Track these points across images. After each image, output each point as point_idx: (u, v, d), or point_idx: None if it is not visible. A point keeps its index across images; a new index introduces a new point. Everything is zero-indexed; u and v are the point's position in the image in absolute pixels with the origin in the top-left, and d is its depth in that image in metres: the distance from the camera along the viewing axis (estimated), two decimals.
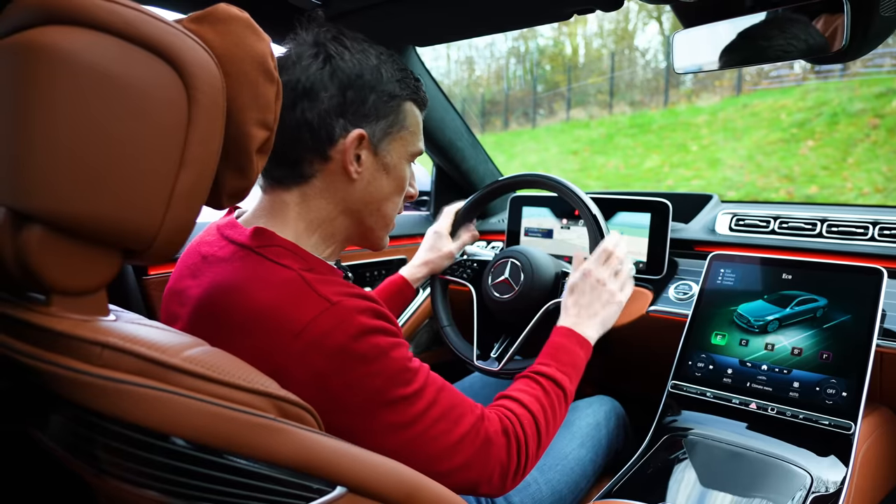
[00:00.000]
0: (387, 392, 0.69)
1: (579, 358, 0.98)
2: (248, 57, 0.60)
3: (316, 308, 0.67)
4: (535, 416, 0.85)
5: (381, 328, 0.70)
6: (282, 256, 0.72)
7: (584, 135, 11.71)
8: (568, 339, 0.99)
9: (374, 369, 0.68)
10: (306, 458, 0.54)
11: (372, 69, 0.78)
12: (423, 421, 0.72)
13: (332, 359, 0.66)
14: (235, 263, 0.73)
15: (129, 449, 0.50)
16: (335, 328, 0.67)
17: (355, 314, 0.68)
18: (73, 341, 0.49)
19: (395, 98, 0.80)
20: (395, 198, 0.86)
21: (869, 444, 1.00)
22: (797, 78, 9.15)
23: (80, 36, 0.49)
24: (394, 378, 0.70)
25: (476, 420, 0.77)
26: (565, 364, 0.95)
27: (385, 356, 0.69)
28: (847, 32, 0.78)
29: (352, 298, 0.70)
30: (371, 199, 0.82)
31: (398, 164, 0.83)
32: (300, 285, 0.69)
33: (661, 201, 1.40)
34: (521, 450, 0.81)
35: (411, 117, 0.84)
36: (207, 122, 0.55)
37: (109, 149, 0.49)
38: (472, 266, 1.34)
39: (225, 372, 0.52)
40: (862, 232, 1.22)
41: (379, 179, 0.82)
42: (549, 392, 0.90)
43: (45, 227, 0.49)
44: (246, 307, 0.68)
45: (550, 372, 0.92)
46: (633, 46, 15.53)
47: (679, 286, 1.34)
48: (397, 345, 0.72)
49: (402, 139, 0.83)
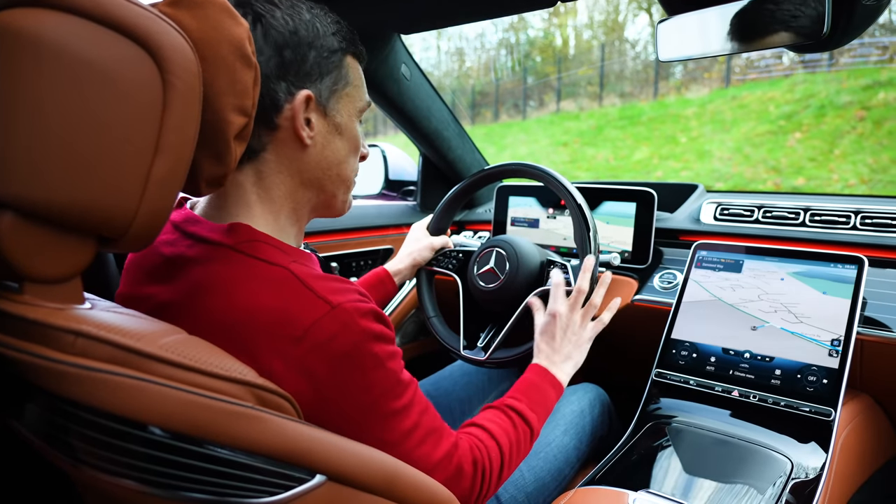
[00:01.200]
0: (380, 405, 0.67)
1: (550, 399, 0.98)
2: (226, 41, 0.59)
3: (317, 310, 0.63)
4: (503, 449, 0.85)
5: (381, 335, 0.67)
6: (266, 252, 0.68)
7: (574, 126, 11.72)
8: (541, 378, 0.99)
9: (371, 380, 0.66)
10: (285, 446, 0.53)
11: (306, 24, 0.72)
12: (408, 441, 0.70)
13: (332, 364, 0.63)
14: (216, 265, 0.67)
15: (105, 438, 0.49)
16: (338, 333, 0.63)
17: (358, 318, 0.65)
18: (47, 330, 0.48)
19: (335, 53, 0.74)
20: (351, 159, 0.81)
21: (849, 431, 1.01)
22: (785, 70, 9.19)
23: (51, 18, 0.48)
24: (388, 391, 0.68)
25: (451, 447, 0.76)
26: (536, 403, 0.95)
27: (383, 367, 0.67)
28: (828, 20, 0.78)
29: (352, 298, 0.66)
30: (328, 164, 0.78)
31: (349, 123, 0.79)
32: (295, 284, 0.65)
33: (647, 191, 1.40)
34: (485, 481, 0.81)
35: (353, 71, 0.79)
36: (183, 108, 0.54)
37: (81, 134, 0.48)
38: (457, 256, 1.34)
39: (201, 360, 0.52)
40: (844, 221, 1.23)
41: (333, 142, 0.77)
42: (517, 427, 0.90)
43: (16, 213, 0.48)
44: (234, 308, 0.64)
45: (521, 408, 0.92)
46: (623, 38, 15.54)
47: (664, 275, 1.34)
48: (393, 355, 0.69)
49: (349, 95, 0.78)
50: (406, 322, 1.77)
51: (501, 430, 0.87)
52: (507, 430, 0.88)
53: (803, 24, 0.83)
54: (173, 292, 0.68)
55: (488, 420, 0.88)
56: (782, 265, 1.14)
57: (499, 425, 0.88)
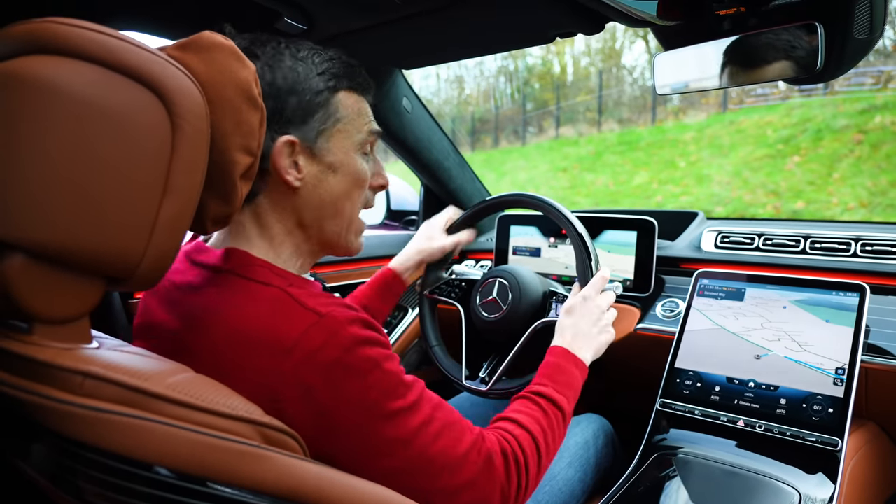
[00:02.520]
0: (383, 405, 0.67)
1: (576, 379, 0.96)
2: (232, 84, 0.61)
3: (305, 321, 0.65)
4: (535, 437, 0.83)
5: (372, 339, 0.68)
6: (262, 275, 0.71)
7: (573, 152, 11.79)
8: (564, 359, 0.97)
9: (369, 382, 0.66)
10: (291, 485, 0.53)
11: (286, 72, 0.73)
12: (423, 435, 0.70)
13: (326, 373, 0.64)
14: (214, 288, 0.71)
15: (111, 479, 0.49)
16: (326, 342, 0.65)
17: (346, 325, 0.66)
18: (55, 370, 0.48)
19: (320, 93, 0.75)
20: (353, 194, 0.81)
21: (856, 461, 1.01)
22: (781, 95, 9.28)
23: (64, 65, 0.49)
24: (389, 391, 0.68)
25: (476, 438, 0.75)
26: (562, 385, 0.93)
27: (378, 368, 0.67)
28: (822, 55, 0.80)
29: (339, 308, 0.68)
30: (322, 203, 0.78)
31: (346, 159, 0.79)
32: (286, 300, 0.67)
33: (648, 219, 1.41)
34: (521, 472, 0.79)
35: (347, 106, 0.79)
36: (191, 150, 0.55)
37: (92, 178, 0.49)
38: (460, 285, 1.34)
39: (208, 399, 0.52)
40: (845, 248, 1.24)
41: (326, 181, 0.78)
42: (547, 413, 0.88)
43: (26, 255, 0.49)
44: (229, 329, 0.66)
45: (548, 392, 0.90)
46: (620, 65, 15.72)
47: (666, 304, 1.35)
48: (389, 357, 0.70)
49: (342, 131, 0.78)
50: (409, 352, 1.77)
51: (531, 419, 0.85)
52: (537, 418, 0.86)
53: (798, 58, 0.84)
54: (180, 319, 0.71)
55: (515, 411, 0.87)
56: (784, 293, 1.14)
57: (527, 414, 0.86)
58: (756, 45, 0.91)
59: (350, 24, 1.12)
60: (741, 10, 0.91)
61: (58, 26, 0.49)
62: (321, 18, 1.09)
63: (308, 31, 1.13)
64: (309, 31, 1.13)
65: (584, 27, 1.04)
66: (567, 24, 1.04)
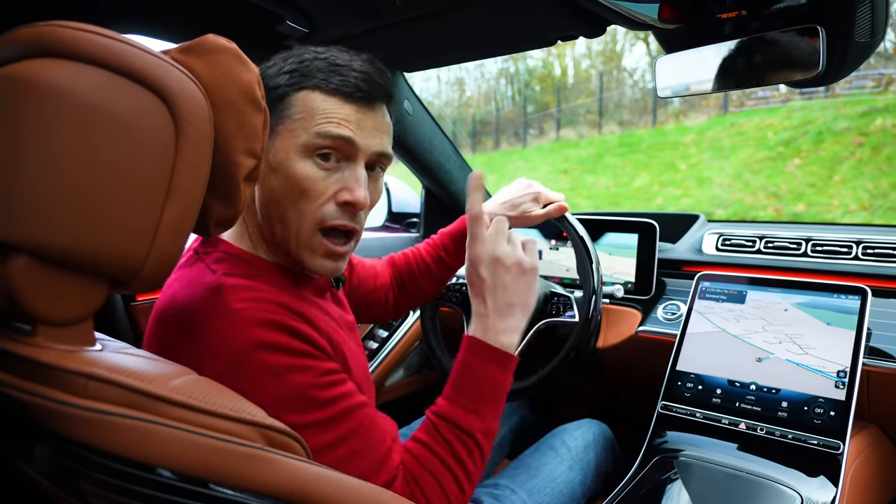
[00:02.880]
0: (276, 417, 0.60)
1: (495, 384, 0.80)
2: (236, 87, 0.61)
3: (215, 314, 0.67)
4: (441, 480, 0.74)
5: (278, 345, 0.66)
6: (217, 262, 0.74)
7: (573, 154, 11.80)
8: (476, 356, 0.81)
9: (260, 389, 0.63)
10: (293, 487, 0.53)
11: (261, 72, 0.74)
12: (325, 457, 0.66)
13: (226, 369, 0.65)
14: (183, 270, 0.76)
15: (115, 481, 0.49)
16: (226, 338, 0.66)
17: (252, 326, 0.66)
18: (58, 373, 0.49)
19: (274, 90, 0.75)
20: (297, 203, 0.74)
21: (858, 464, 1.00)
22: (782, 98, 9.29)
23: (67, 68, 0.49)
24: (283, 403, 0.65)
25: (387, 480, 0.71)
26: (474, 398, 0.79)
27: (275, 378, 0.65)
28: (823, 58, 0.80)
29: (257, 307, 0.67)
30: (268, 203, 0.76)
31: (286, 160, 0.74)
32: (213, 290, 0.69)
33: (649, 222, 1.41)
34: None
35: (301, 105, 0.74)
36: (195, 153, 0.55)
37: (96, 180, 0.49)
38: (461, 290, 1.34)
39: (211, 402, 0.52)
40: (846, 251, 1.24)
41: (268, 180, 0.76)
42: (450, 442, 0.77)
43: (30, 257, 0.49)
44: (169, 310, 0.71)
45: (452, 413, 0.78)
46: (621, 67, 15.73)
47: (667, 306, 1.35)
48: (297, 367, 0.66)
49: (289, 129, 0.74)
50: (410, 354, 1.77)
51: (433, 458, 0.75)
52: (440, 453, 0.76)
53: (799, 62, 0.84)
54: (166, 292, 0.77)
55: (422, 444, 0.77)
56: (785, 296, 1.14)
57: (432, 449, 0.76)
58: (757, 49, 0.91)
59: (351, 27, 1.12)
60: (742, 14, 0.91)
61: (62, 30, 0.50)
62: (323, 22, 1.09)
63: (310, 35, 1.13)
64: (310, 35, 1.13)
65: (584, 30, 1.04)
66: (568, 27, 1.04)
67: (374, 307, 1.16)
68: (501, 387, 0.81)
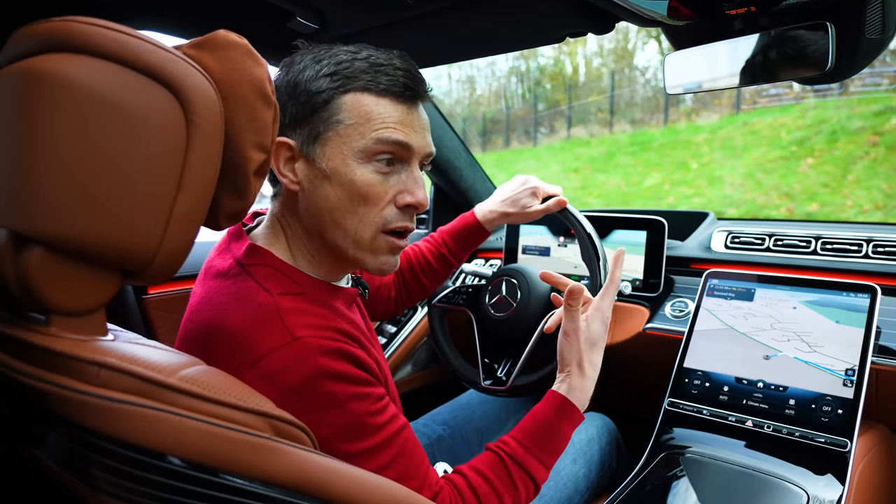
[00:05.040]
0: (331, 445, 0.65)
1: (565, 441, 0.86)
2: (246, 81, 0.62)
3: (277, 340, 0.65)
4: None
5: (342, 374, 0.66)
6: (267, 278, 0.71)
7: (584, 153, 11.76)
8: (560, 415, 0.86)
9: (321, 418, 0.65)
10: (300, 477, 0.54)
11: (294, 74, 0.73)
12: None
13: (281, 397, 0.63)
14: (227, 281, 0.73)
15: (125, 468, 0.50)
16: (290, 366, 0.64)
17: (317, 355, 0.65)
18: (72, 361, 0.50)
19: (318, 94, 0.72)
20: (358, 209, 0.74)
21: (865, 463, 1.00)
22: (795, 96, 9.21)
23: (82, 63, 0.50)
24: (342, 432, 0.66)
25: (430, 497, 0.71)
26: (547, 451, 0.83)
27: (338, 407, 0.66)
28: (832, 55, 0.80)
29: (321, 334, 0.66)
30: (319, 212, 0.75)
31: (342, 167, 0.73)
32: (271, 312, 0.67)
33: (657, 219, 1.41)
34: None
35: (353, 109, 0.73)
36: (206, 146, 0.56)
37: (110, 173, 0.50)
38: (467, 291, 1.34)
39: (221, 391, 0.53)
40: (856, 249, 1.23)
41: (320, 188, 0.74)
42: (517, 486, 0.79)
43: (45, 248, 0.50)
44: (218, 326, 0.68)
45: (527, 461, 0.81)
46: (632, 65, 15.65)
47: (675, 303, 1.35)
48: (359, 396, 0.67)
49: (341, 136, 0.73)
50: (418, 350, 1.77)
51: (493, 494, 0.78)
52: (499, 493, 0.78)
53: (809, 58, 0.84)
54: (197, 297, 0.75)
55: (481, 476, 0.79)
56: (794, 294, 1.14)
57: (491, 485, 0.78)
58: (767, 45, 0.91)
59: (362, 23, 1.13)
60: (752, 10, 0.91)
61: (77, 25, 0.51)
62: (333, 18, 1.10)
63: (320, 31, 1.14)
64: (321, 31, 1.14)
65: (594, 27, 1.04)
66: (577, 24, 1.04)
67: (377, 305, 1.17)
68: (564, 444, 0.87)
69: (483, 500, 0.77)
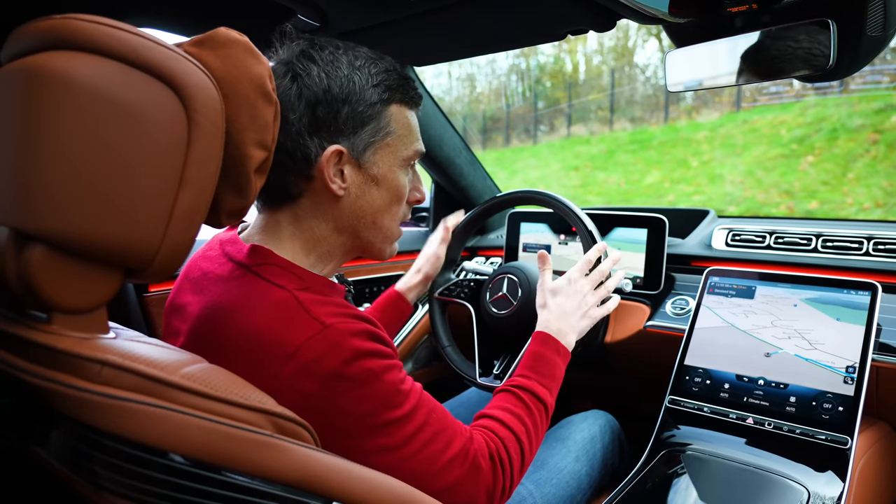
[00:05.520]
0: (377, 416, 0.69)
1: (558, 368, 0.98)
2: (247, 79, 0.62)
3: (309, 330, 0.67)
4: (519, 437, 0.85)
5: (374, 351, 0.69)
6: (277, 276, 0.72)
7: (584, 151, 11.76)
8: (547, 347, 0.99)
9: (365, 393, 0.68)
10: (302, 474, 0.54)
11: (342, 80, 0.74)
12: (413, 443, 0.72)
13: (324, 383, 0.66)
14: (233, 283, 0.73)
15: (128, 465, 0.50)
16: (328, 352, 0.66)
17: (349, 337, 0.68)
18: (73, 359, 0.50)
19: (373, 105, 0.76)
20: (393, 208, 0.82)
21: (866, 460, 1.00)
22: (796, 94, 9.20)
23: (84, 61, 0.50)
24: (385, 402, 0.70)
25: (465, 443, 0.77)
26: (545, 376, 0.94)
27: (377, 380, 0.69)
28: (834, 52, 0.80)
29: (346, 320, 0.69)
30: (363, 214, 0.80)
31: (389, 174, 0.80)
32: (294, 306, 0.69)
33: (658, 217, 1.41)
34: (506, 473, 0.82)
35: (398, 121, 0.79)
36: (207, 144, 0.56)
37: (111, 170, 0.50)
38: (469, 285, 1.35)
39: (222, 389, 0.53)
40: (857, 247, 1.23)
41: (368, 193, 0.79)
42: (531, 409, 0.89)
43: (47, 246, 0.50)
44: (240, 329, 0.68)
45: (531, 386, 0.92)
46: (633, 63, 15.64)
47: (676, 301, 1.35)
48: (390, 367, 0.71)
49: (390, 146, 0.79)
50: (419, 348, 1.78)
51: (515, 418, 0.87)
52: (520, 416, 0.87)
53: (810, 55, 0.84)
54: (200, 305, 0.74)
55: (499, 408, 0.88)
56: (795, 291, 1.14)
57: (511, 412, 0.87)
58: (768, 43, 0.90)
59: (363, 21, 1.13)
60: (753, 7, 0.90)
61: (78, 23, 0.51)
62: (334, 16, 1.10)
63: (321, 29, 1.14)
64: (322, 29, 1.14)
65: (595, 24, 1.04)
66: (578, 21, 1.04)
67: None
68: (561, 374, 0.98)
69: (506, 422, 0.86)
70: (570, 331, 1.03)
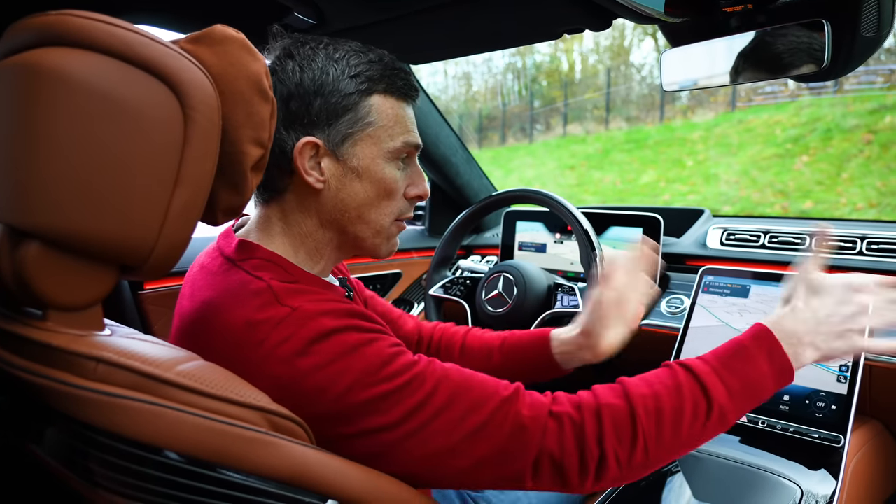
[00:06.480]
0: (359, 391, 0.63)
1: (759, 376, 0.71)
2: (243, 76, 0.62)
3: (277, 316, 0.65)
4: (634, 407, 0.66)
5: (349, 326, 0.65)
6: (259, 269, 0.72)
7: (580, 150, 11.77)
8: (759, 345, 0.73)
9: (339, 368, 0.63)
10: (297, 471, 0.54)
11: (315, 73, 0.73)
12: (417, 416, 0.63)
13: (289, 364, 0.63)
14: (219, 277, 0.73)
15: (123, 462, 0.50)
16: (294, 333, 0.64)
17: (314, 317, 0.65)
18: (69, 356, 0.50)
19: (348, 96, 0.74)
20: (381, 203, 0.79)
21: (859, 458, 1.01)
22: (791, 94, 9.23)
23: (81, 57, 0.50)
24: (366, 375, 0.63)
25: (500, 404, 0.65)
26: (729, 369, 0.71)
27: (354, 353, 0.64)
28: (828, 52, 0.80)
29: (319, 303, 0.66)
30: (346, 207, 0.77)
31: (372, 166, 0.77)
32: (267, 296, 0.67)
33: (653, 216, 1.41)
34: (590, 440, 0.65)
35: (381, 111, 0.76)
36: (203, 141, 0.56)
37: (107, 167, 0.50)
38: (465, 283, 1.35)
39: (218, 386, 0.53)
40: (850, 246, 1.24)
41: (349, 185, 0.77)
42: (681, 389, 0.68)
43: (42, 243, 0.50)
44: (220, 322, 0.67)
45: (702, 370, 0.70)
46: (628, 62, 15.67)
47: (671, 300, 1.35)
48: (372, 340, 0.66)
49: (372, 137, 0.76)
50: None
51: (645, 384, 0.69)
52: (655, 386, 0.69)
53: (805, 55, 0.84)
54: (192, 301, 0.74)
55: (641, 378, 0.71)
56: None
57: (645, 379, 0.70)
58: (763, 42, 0.91)
59: (359, 19, 1.13)
60: (748, 7, 0.91)
61: (74, 19, 0.51)
62: (331, 13, 1.10)
63: (318, 26, 1.13)
64: (318, 26, 1.14)
65: (591, 23, 1.04)
66: (574, 20, 1.04)
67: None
68: (760, 387, 0.72)
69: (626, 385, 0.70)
70: (809, 344, 0.73)
